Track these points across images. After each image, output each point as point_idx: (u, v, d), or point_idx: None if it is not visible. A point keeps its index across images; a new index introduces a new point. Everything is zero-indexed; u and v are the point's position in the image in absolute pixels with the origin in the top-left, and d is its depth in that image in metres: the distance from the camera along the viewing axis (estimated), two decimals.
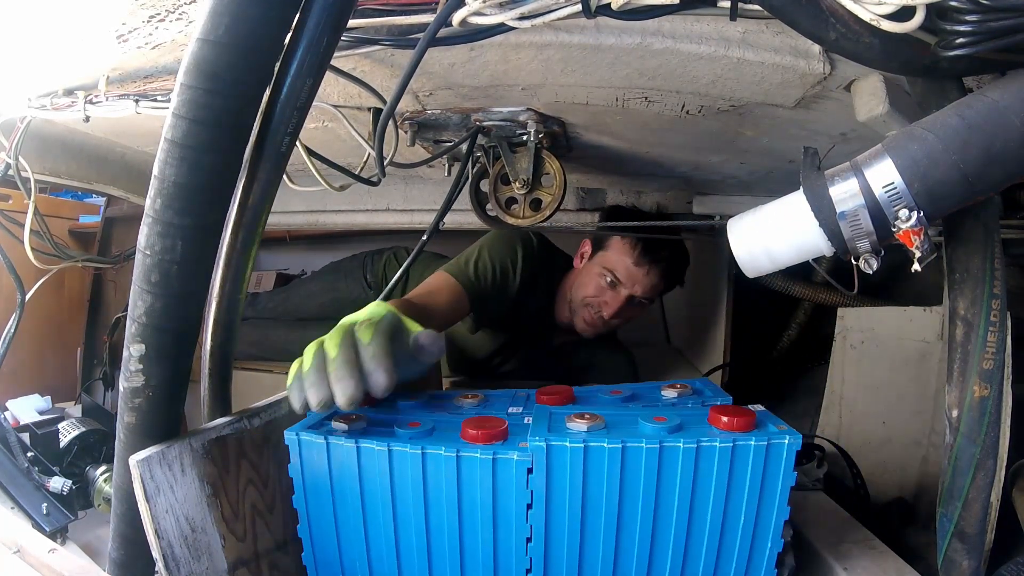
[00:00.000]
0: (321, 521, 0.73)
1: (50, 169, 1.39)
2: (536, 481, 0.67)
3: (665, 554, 0.69)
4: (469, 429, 0.69)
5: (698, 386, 0.86)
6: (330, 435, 0.71)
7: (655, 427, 0.68)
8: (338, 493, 0.72)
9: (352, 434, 0.71)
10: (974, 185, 0.58)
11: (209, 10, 0.55)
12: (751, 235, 0.68)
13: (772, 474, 0.67)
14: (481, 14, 0.66)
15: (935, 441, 1.45)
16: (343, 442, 0.70)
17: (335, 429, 0.72)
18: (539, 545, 0.68)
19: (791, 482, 0.67)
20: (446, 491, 0.68)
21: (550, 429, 0.69)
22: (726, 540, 0.69)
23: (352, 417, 0.74)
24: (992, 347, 0.66)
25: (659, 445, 0.65)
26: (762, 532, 0.69)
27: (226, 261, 0.71)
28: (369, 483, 0.70)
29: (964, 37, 0.55)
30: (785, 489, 0.67)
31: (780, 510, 0.68)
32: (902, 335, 1.55)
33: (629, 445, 0.65)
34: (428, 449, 0.67)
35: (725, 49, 0.79)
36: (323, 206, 1.85)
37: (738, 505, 0.67)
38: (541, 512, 0.67)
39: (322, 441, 0.70)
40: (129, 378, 0.64)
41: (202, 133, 0.57)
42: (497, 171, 1.17)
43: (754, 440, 0.66)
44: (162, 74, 0.97)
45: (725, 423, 0.68)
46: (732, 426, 0.67)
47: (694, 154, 1.33)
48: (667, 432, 0.67)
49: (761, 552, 0.69)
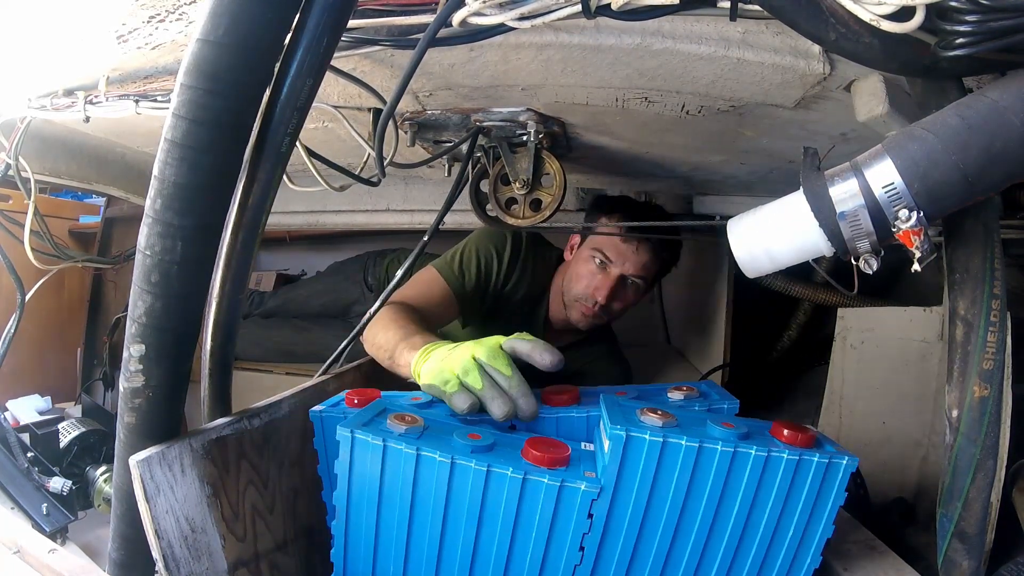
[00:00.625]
0: (360, 522, 0.71)
1: (50, 169, 1.39)
2: (608, 472, 0.66)
3: (715, 557, 0.70)
4: (533, 451, 0.67)
5: (704, 389, 0.86)
6: (388, 438, 0.68)
7: (725, 431, 0.68)
8: (386, 497, 0.69)
9: (410, 438, 0.69)
10: (974, 185, 0.58)
11: (209, 11, 0.55)
12: (751, 235, 0.68)
13: (827, 491, 0.68)
14: (481, 14, 0.66)
15: (935, 441, 1.45)
16: (403, 447, 0.67)
17: (391, 430, 0.70)
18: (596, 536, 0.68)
19: (841, 501, 0.68)
20: (504, 511, 0.67)
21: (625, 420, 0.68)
22: (773, 550, 0.70)
23: (407, 418, 0.71)
24: (992, 347, 0.66)
25: (733, 449, 0.66)
26: (806, 546, 0.70)
27: (226, 262, 0.71)
28: (422, 492, 0.68)
29: (964, 37, 0.55)
30: (835, 507, 0.69)
31: (826, 527, 0.69)
32: (902, 335, 1.55)
33: (706, 445, 0.66)
34: (494, 468, 0.66)
35: (725, 49, 0.79)
36: (323, 206, 1.85)
37: (791, 517, 0.68)
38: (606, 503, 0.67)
39: (379, 443, 0.67)
40: (129, 378, 0.64)
41: (202, 133, 0.57)
42: (497, 171, 1.17)
43: (817, 456, 0.67)
44: (162, 74, 0.97)
45: (787, 436, 0.69)
46: (795, 441, 0.69)
47: (694, 154, 1.33)
48: (737, 438, 0.67)
49: (800, 566, 0.70)
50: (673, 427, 0.68)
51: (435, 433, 0.71)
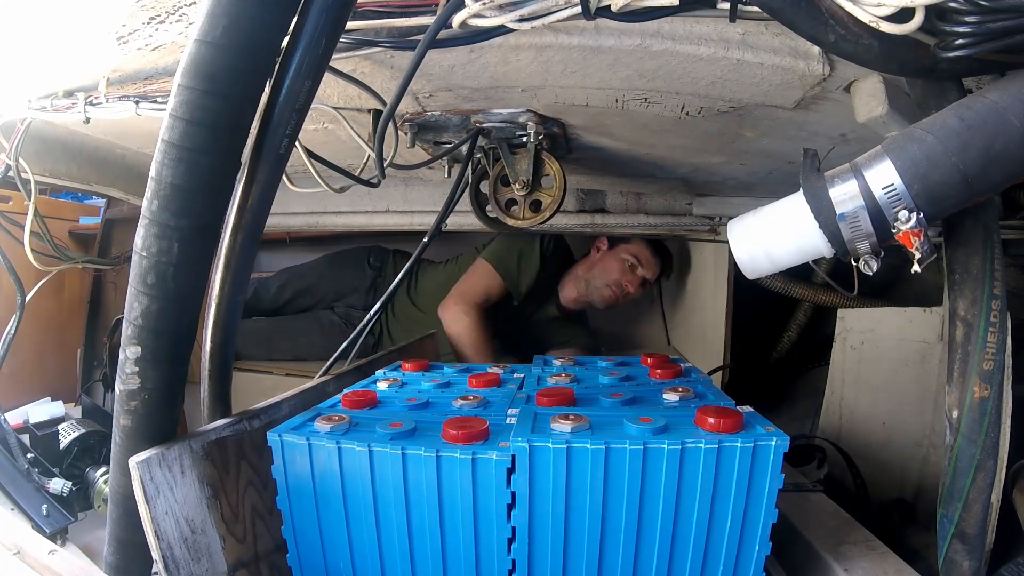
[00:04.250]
0: (305, 522, 0.73)
1: (50, 171, 1.39)
2: (519, 481, 0.67)
3: (651, 555, 0.69)
4: (450, 429, 0.69)
5: (700, 389, 0.86)
6: (312, 436, 0.71)
7: (640, 428, 0.68)
8: (321, 494, 0.72)
9: (334, 435, 0.71)
10: (974, 186, 0.57)
11: (207, 11, 0.55)
12: (751, 237, 0.68)
13: (759, 476, 0.66)
14: (481, 16, 0.66)
15: (935, 442, 1.45)
16: (324, 443, 0.70)
17: (317, 430, 0.73)
18: (523, 546, 0.69)
19: (778, 484, 0.67)
20: (427, 491, 0.69)
21: (534, 430, 0.69)
22: (713, 542, 0.69)
23: (335, 418, 0.74)
24: (992, 348, 0.66)
25: (643, 446, 0.65)
26: (749, 534, 0.68)
27: (225, 263, 0.71)
28: (351, 483, 0.71)
29: (963, 38, 0.55)
30: (772, 491, 0.67)
31: (768, 512, 0.68)
32: (902, 336, 1.55)
33: (612, 446, 0.65)
34: (408, 449, 0.68)
35: (725, 50, 0.79)
36: (323, 207, 1.85)
37: (724, 507, 0.67)
38: (524, 513, 0.67)
39: (304, 442, 0.71)
40: (125, 380, 0.64)
41: (199, 134, 0.57)
42: (497, 172, 1.17)
43: (740, 441, 0.66)
44: (162, 76, 0.97)
45: (711, 424, 0.68)
46: (718, 427, 0.67)
47: (694, 155, 1.33)
48: (652, 433, 0.67)
49: (749, 554, 0.69)
50: (583, 431, 0.68)
51: (361, 428, 0.74)
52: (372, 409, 0.83)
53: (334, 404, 0.85)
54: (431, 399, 0.88)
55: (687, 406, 0.81)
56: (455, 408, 0.83)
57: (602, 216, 1.76)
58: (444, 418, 0.76)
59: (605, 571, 0.70)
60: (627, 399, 0.82)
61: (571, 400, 0.82)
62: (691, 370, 1.00)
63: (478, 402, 0.84)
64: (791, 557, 0.91)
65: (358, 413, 0.80)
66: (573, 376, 0.97)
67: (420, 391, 0.94)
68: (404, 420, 0.74)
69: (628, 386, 0.92)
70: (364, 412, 0.81)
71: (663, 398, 0.83)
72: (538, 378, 0.99)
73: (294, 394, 0.90)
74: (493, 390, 0.93)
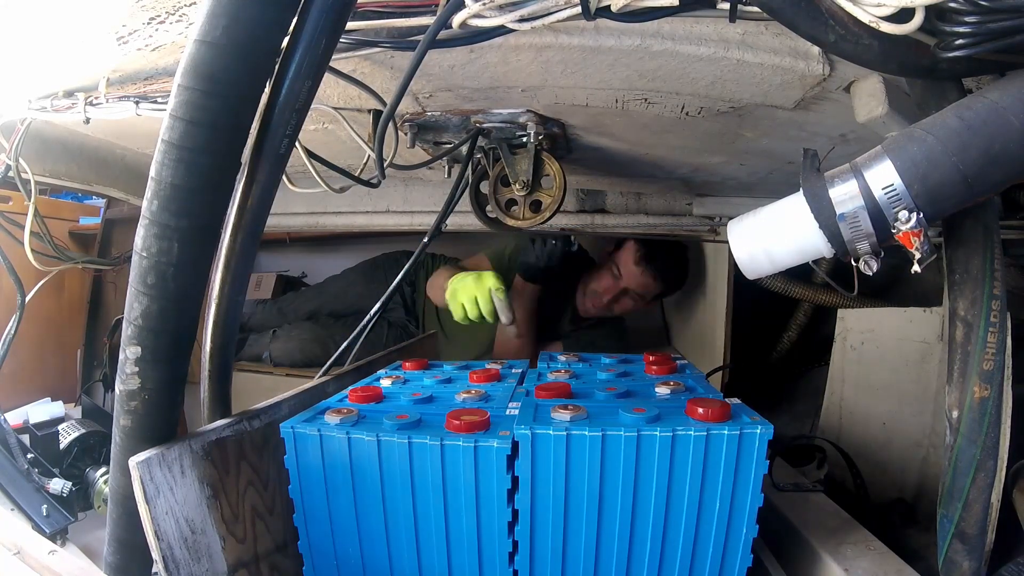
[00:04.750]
0: (315, 510, 0.77)
1: (50, 171, 1.39)
2: (522, 467, 0.70)
3: (645, 536, 0.73)
4: (453, 420, 0.73)
5: (691, 384, 0.89)
6: (323, 427, 0.75)
7: (634, 417, 0.72)
8: (331, 482, 0.75)
9: (343, 426, 0.75)
10: (973, 186, 0.57)
11: (207, 12, 0.55)
12: (751, 237, 0.68)
13: (745, 461, 0.70)
14: (481, 16, 0.66)
15: (935, 442, 1.45)
16: (335, 433, 0.74)
17: (328, 422, 0.76)
18: (525, 527, 0.72)
19: (763, 470, 0.71)
20: (432, 478, 0.72)
21: (536, 419, 0.73)
22: (703, 524, 0.73)
23: (343, 411, 0.78)
24: (992, 348, 0.66)
25: (637, 433, 0.69)
26: (737, 518, 0.72)
27: (226, 263, 0.71)
28: (360, 472, 0.74)
29: (963, 38, 0.55)
30: (758, 477, 0.71)
31: (754, 497, 0.71)
32: (902, 336, 1.55)
33: (609, 433, 0.70)
34: (414, 439, 0.72)
35: (724, 51, 0.79)
36: (323, 208, 1.85)
37: (713, 491, 0.71)
38: (527, 496, 0.71)
39: (315, 433, 0.75)
40: (125, 381, 0.64)
41: (199, 134, 0.57)
42: (497, 173, 1.17)
43: (727, 429, 0.70)
44: (162, 76, 0.97)
45: (701, 414, 0.72)
46: (707, 416, 0.71)
47: (694, 155, 1.33)
48: (645, 422, 0.71)
49: (737, 536, 0.73)
50: (581, 420, 0.72)
51: (369, 420, 0.77)
52: (378, 403, 0.86)
53: (341, 399, 0.88)
54: (434, 394, 0.90)
55: (678, 398, 0.83)
56: (458, 402, 0.86)
57: (602, 216, 1.76)
58: (447, 411, 0.77)
59: (603, 549, 0.73)
60: (621, 392, 0.85)
61: (568, 394, 0.85)
62: (685, 367, 1.03)
63: (480, 396, 0.86)
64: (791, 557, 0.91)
65: (365, 407, 0.83)
66: (572, 372, 0.99)
67: (423, 387, 0.96)
68: (409, 412, 0.77)
69: (623, 381, 0.94)
70: (371, 406, 0.84)
71: (655, 391, 0.86)
72: (539, 374, 1.02)
73: (294, 394, 0.90)
74: (494, 384, 0.95)
